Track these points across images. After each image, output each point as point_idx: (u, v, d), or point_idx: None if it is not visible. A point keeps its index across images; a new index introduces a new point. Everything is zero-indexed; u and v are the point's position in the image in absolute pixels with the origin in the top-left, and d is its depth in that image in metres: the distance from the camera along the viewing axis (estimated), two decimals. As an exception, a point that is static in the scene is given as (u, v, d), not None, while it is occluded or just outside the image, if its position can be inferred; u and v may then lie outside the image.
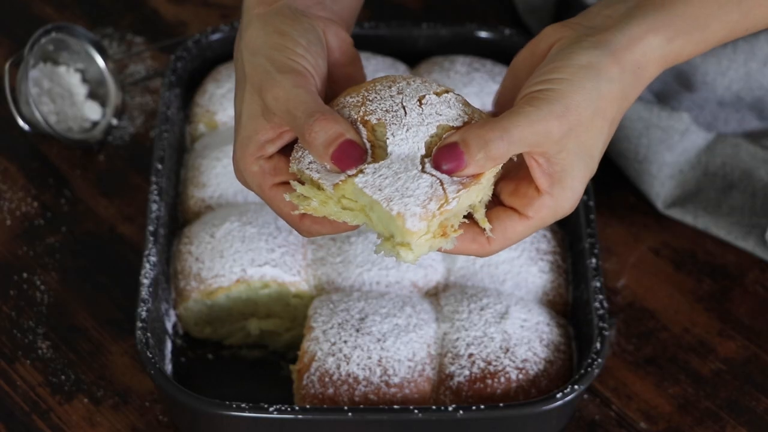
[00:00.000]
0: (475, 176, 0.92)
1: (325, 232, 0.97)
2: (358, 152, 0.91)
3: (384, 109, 0.94)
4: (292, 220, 0.96)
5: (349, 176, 0.92)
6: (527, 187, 0.94)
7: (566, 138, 0.91)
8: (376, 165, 0.92)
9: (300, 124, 0.92)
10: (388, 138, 0.93)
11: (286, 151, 0.97)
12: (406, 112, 0.94)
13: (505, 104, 0.98)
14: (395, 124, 0.94)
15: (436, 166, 0.91)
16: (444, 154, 0.91)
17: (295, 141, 0.96)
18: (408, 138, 0.93)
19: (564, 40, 0.94)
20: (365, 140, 0.93)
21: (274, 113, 0.94)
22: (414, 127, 0.93)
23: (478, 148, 0.90)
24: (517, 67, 0.98)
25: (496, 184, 0.96)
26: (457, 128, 0.94)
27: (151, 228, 1.13)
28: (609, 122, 0.93)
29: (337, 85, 1.00)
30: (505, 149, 0.90)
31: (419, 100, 0.95)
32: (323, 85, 0.96)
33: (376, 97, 0.95)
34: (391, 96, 0.95)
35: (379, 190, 0.91)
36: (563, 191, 0.93)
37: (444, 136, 0.93)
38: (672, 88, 1.29)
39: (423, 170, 0.92)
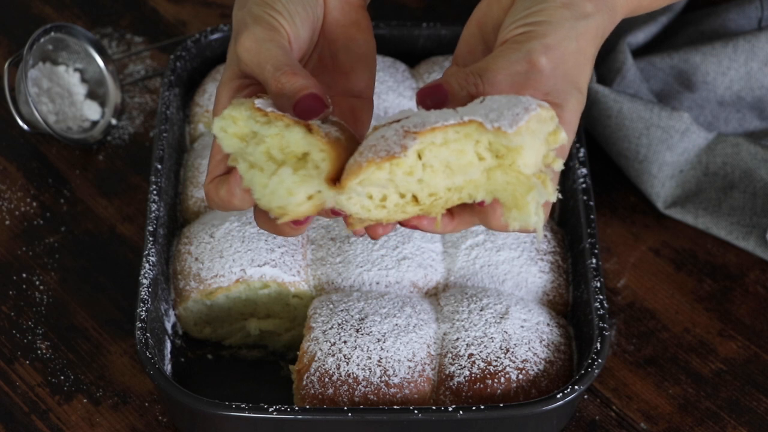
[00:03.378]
0: None
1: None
2: (321, 105, 0.92)
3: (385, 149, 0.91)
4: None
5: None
6: None
7: (554, 74, 0.92)
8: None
9: (268, 77, 0.94)
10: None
11: None
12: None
13: (468, 54, 0.99)
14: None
15: (420, 103, 0.92)
16: (428, 92, 0.92)
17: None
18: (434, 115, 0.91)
19: None
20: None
21: (246, 63, 0.96)
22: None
23: (460, 87, 0.92)
24: (482, 12, 0.98)
25: None
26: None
27: (150, 228, 1.13)
28: (590, 59, 0.95)
29: (335, 45, 1.01)
30: (484, 90, 0.92)
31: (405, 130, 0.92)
32: (299, 44, 0.98)
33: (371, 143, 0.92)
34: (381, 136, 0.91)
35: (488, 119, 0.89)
36: (563, 125, 0.93)
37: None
38: (672, 88, 1.29)
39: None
